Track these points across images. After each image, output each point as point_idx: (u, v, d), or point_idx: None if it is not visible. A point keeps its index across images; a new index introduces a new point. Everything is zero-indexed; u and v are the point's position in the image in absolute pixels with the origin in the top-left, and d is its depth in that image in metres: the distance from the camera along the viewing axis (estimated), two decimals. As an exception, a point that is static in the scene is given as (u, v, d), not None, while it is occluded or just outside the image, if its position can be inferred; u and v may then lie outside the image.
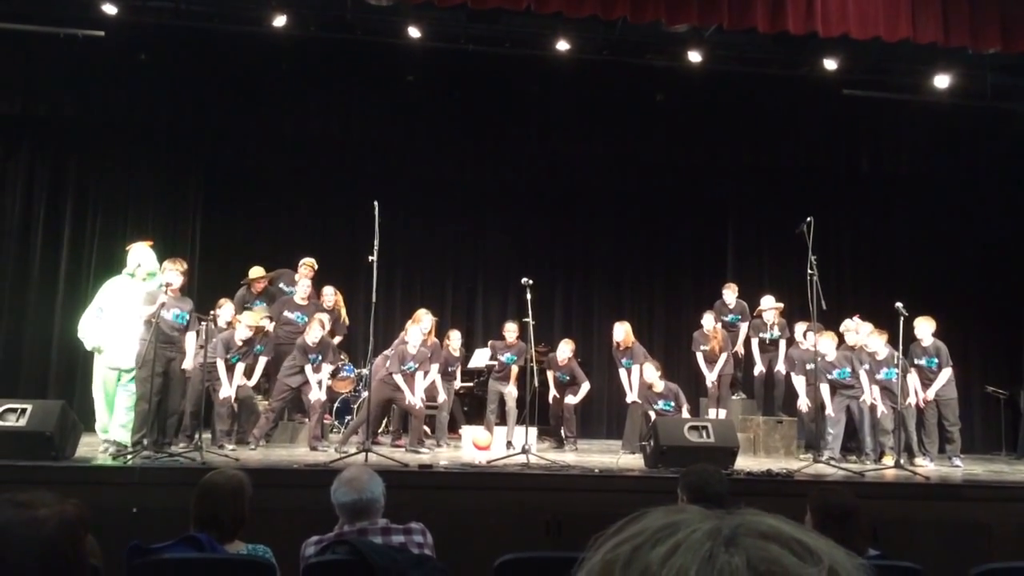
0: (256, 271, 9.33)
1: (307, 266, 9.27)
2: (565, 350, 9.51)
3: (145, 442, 6.81)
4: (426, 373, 8.53)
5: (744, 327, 10.01)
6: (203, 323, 7.72)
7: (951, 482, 7.32)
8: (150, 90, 9.71)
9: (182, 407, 7.68)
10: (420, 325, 8.68)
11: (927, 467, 8.16)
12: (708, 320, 9.73)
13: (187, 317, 7.30)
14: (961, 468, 8.35)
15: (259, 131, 10.43)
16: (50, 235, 10.37)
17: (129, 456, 6.52)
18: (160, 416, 7.07)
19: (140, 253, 7.69)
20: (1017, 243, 11.46)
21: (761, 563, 0.59)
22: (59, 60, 9.34)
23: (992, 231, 11.72)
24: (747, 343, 10.00)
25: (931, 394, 8.62)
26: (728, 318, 10.03)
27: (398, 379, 8.28)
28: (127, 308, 7.38)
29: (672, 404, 8.76)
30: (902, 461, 7.73)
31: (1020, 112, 10.03)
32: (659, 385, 8.82)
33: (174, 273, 7.14)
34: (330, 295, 9.35)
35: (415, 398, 8.29)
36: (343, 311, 9.53)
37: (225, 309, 8.49)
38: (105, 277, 10.29)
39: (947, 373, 8.65)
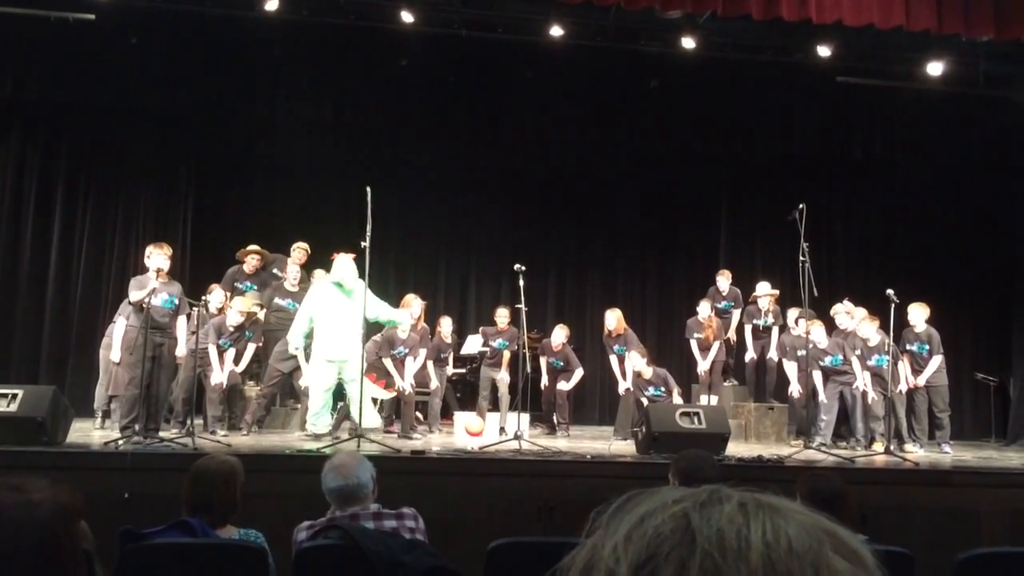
0: (253, 247, 9.30)
1: (300, 250, 9.22)
2: (559, 335, 9.52)
3: (137, 427, 6.80)
4: (415, 358, 8.54)
5: (737, 314, 10.04)
6: (195, 309, 7.71)
7: (940, 468, 7.37)
8: (141, 74, 9.63)
9: (171, 392, 7.68)
10: (410, 310, 8.69)
11: (917, 453, 8.21)
12: (704, 308, 9.74)
13: (176, 301, 7.26)
14: (950, 454, 8.40)
15: (251, 116, 10.37)
16: (40, 220, 10.32)
17: (120, 442, 6.51)
18: (149, 402, 7.05)
19: (344, 264, 7.89)
20: (1008, 231, 11.50)
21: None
22: (49, 43, 9.25)
23: (983, 218, 11.76)
24: (739, 329, 10.03)
25: (922, 380, 8.68)
26: (721, 305, 10.04)
27: (387, 364, 8.28)
28: (337, 309, 7.71)
29: (662, 389, 8.80)
30: (892, 447, 7.78)
31: (1012, 100, 10.03)
32: (647, 372, 8.85)
33: (162, 257, 7.09)
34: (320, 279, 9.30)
35: (405, 383, 8.30)
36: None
37: (215, 295, 8.47)
38: (95, 261, 10.33)
39: (938, 360, 8.69)
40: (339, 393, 9.72)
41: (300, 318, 7.91)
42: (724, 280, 10.14)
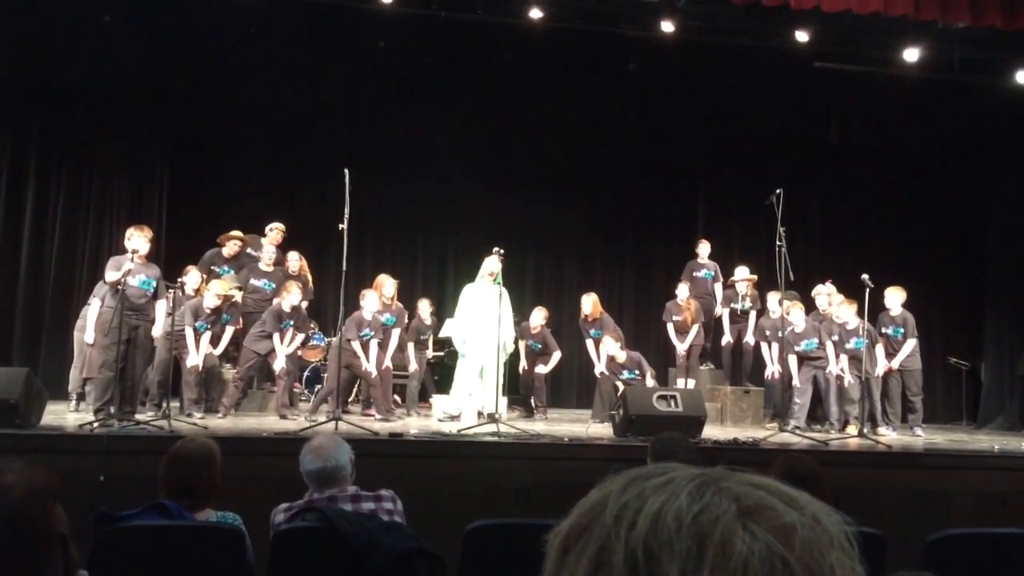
0: (235, 232, 9.22)
1: (277, 231, 9.15)
2: (538, 317, 9.51)
3: (112, 410, 6.75)
4: (389, 340, 8.59)
5: (718, 287, 10.05)
6: (171, 291, 7.64)
7: (913, 451, 7.47)
8: (115, 53, 9.48)
9: (147, 375, 7.62)
10: (384, 289, 8.74)
11: (889, 436, 8.31)
12: (682, 291, 9.74)
13: (154, 284, 7.19)
14: (922, 437, 8.51)
15: (227, 96, 10.26)
16: (13, 200, 10.15)
17: (95, 425, 6.46)
18: (124, 385, 6.99)
19: (492, 262, 8.41)
20: (982, 216, 11.61)
21: (747, 499, 0.63)
22: (21, 21, 9.09)
23: (957, 203, 11.87)
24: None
25: (896, 364, 8.77)
26: (701, 274, 10.06)
27: (355, 346, 8.26)
28: (489, 306, 8.27)
29: (636, 372, 8.86)
30: (865, 430, 7.87)
31: (987, 86, 10.11)
32: (621, 356, 8.90)
33: (140, 239, 7.02)
34: (295, 260, 9.24)
35: (371, 365, 8.28)
36: (309, 276, 9.47)
37: (191, 276, 8.40)
38: (69, 242, 10.18)
39: (912, 344, 8.78)
40: (316, 377, 9.71)
41: (462, 320, 8.52)
42: (704, 247, 10.18)
